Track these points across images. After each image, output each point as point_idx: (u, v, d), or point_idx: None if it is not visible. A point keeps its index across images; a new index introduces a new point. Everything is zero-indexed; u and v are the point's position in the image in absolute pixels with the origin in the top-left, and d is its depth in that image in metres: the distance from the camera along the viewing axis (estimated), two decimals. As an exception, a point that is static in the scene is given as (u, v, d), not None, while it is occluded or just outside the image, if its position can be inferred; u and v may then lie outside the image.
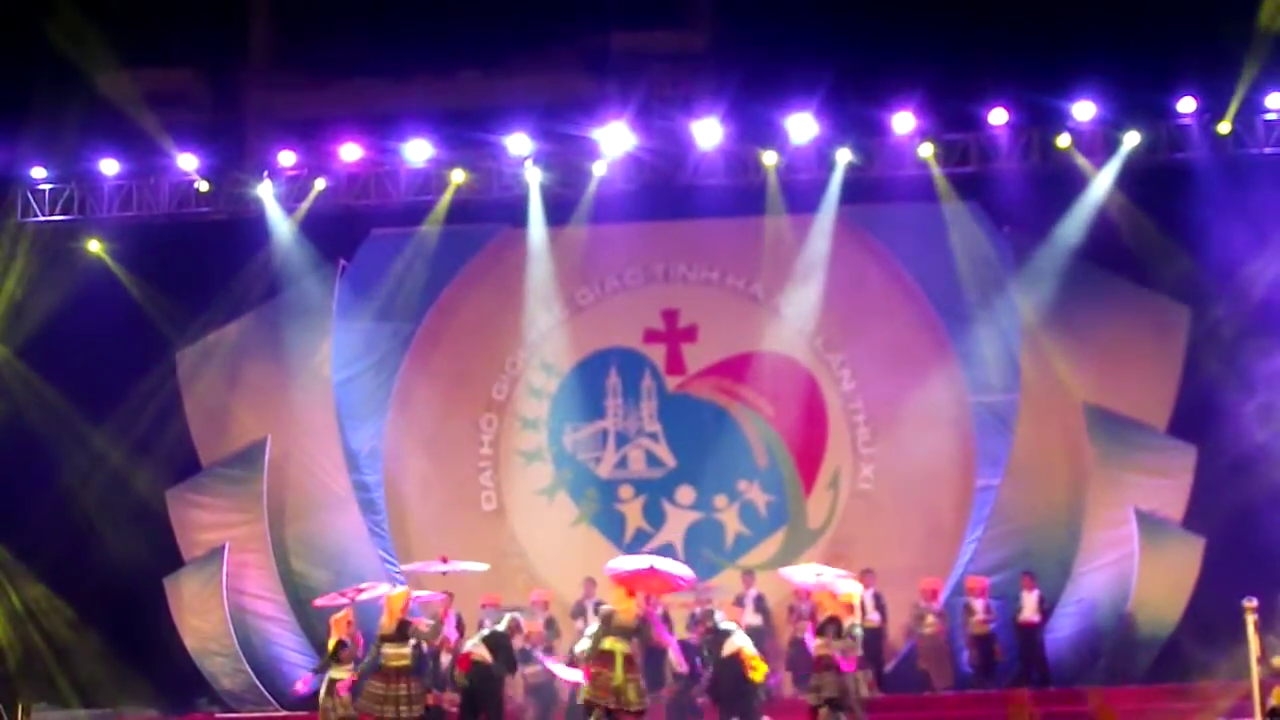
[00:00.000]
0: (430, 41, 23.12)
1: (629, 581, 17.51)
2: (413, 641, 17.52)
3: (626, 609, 17.35)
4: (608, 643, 17.07)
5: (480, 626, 21.60)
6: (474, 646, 18.04)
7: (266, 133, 24.22)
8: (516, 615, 18.85)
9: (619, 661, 16.83)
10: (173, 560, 23.55)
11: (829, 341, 23.97)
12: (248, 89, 24.65)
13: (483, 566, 19.93)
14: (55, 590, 23.69)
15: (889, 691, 21.34)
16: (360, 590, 18.67)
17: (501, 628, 18.27)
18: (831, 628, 18.18)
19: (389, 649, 17.29)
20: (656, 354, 24.38)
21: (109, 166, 23.79)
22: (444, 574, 18.97)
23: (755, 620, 21.53)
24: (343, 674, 17.72)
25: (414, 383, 24.47)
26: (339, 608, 18.32)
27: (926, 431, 23.38)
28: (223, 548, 23.26)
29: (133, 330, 23.99)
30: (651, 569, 17.74)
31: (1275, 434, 21.87)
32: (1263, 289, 22.29)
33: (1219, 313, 22.39)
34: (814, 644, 18.10)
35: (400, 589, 18.31)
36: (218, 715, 22.56)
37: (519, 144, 23.32)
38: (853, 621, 19.61)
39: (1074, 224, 22.89)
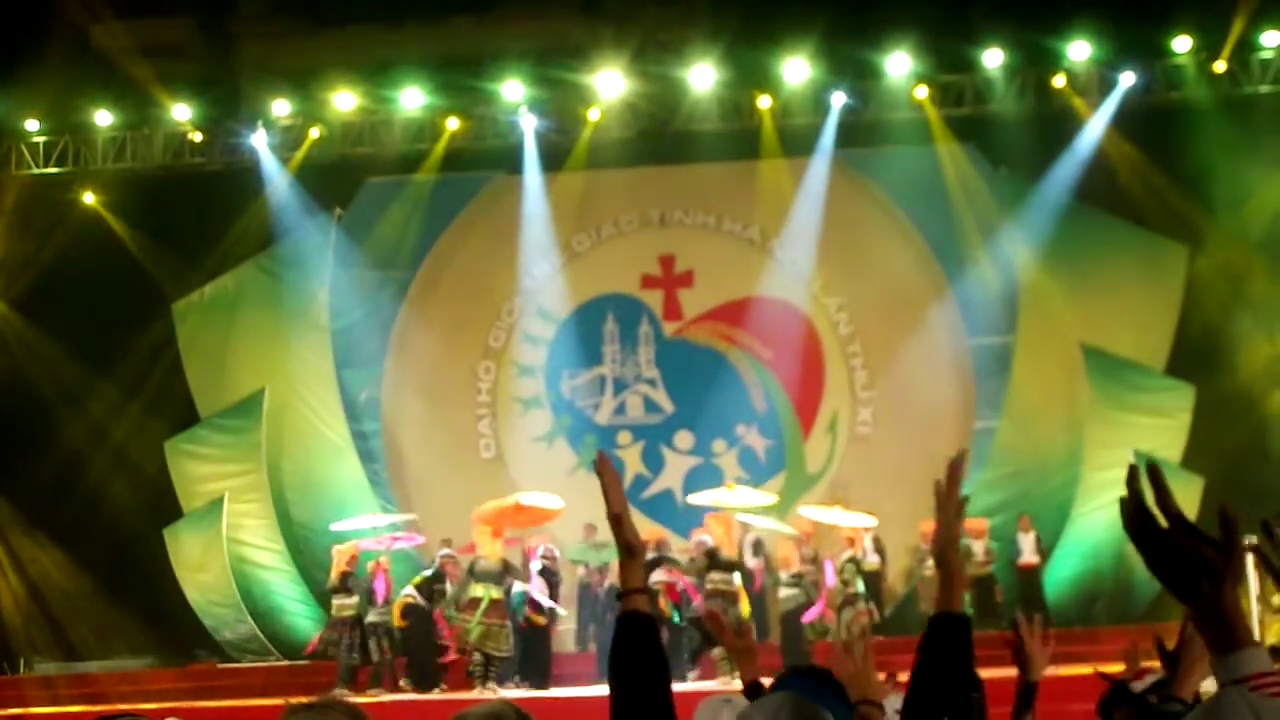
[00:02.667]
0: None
1: (494, 520, 18.34)
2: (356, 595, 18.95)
3: (490, 553, 18.10)
4: (476, 589, 17.79)
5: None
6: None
7: (261, 82, 24.20)
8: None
9: (482, 606, 17.64)
10: (172, 512, 23.60)
11: (826, 285, 23.96)
12: (241, 39, 24.61)
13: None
14: (54, 542, 23.74)
15: (889, 635, 21.40)
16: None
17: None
18: (706, 560, 18.43)
19: (336, 600, 18.67)
20: (654, 299, 24.37)
21: (103, 118, 23.76)
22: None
23: (754, 564, 21.58)
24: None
25: (411, 331, 24.47)
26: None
27: (924, 374, 23.41)
28: (222, 498, 23.30)
29: (129, 282, 23.97)
30: (517, 505, 18.42)
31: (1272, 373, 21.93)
32: (1260, 228, 22.29)
33: (1216, 252, 22.39)
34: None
35: (349, 544, 19.27)
36: (219, 665, 22.63)
37: (513, 90, 23.28)
38: (850, 555, 19.64)
39: (1070, 165, 22.84)
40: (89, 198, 24.42)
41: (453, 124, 23.68)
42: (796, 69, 22.78)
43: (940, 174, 23.34)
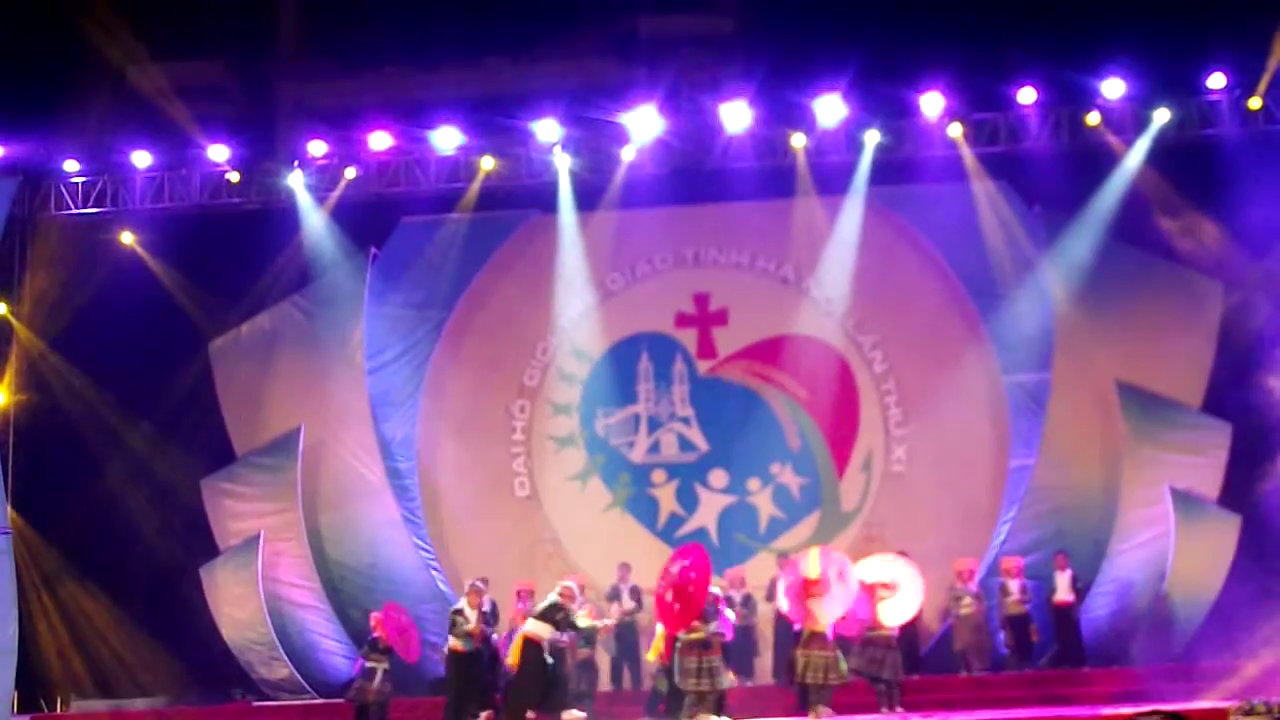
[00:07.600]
0: (459, 29, 23.11)
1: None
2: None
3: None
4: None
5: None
6: (529, 629, 18.21)
7: (296, 122, 24.29)
8: (568, 583, 18.98)
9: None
10: (208, 550, 23.66)
11: (860, 323, 23.94)
12: (277, 79, 24.71)
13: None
14: (91, 581, 23.80)
15: (925, 673, 21.34)
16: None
17: (553, 598, 18.33)
18: None
19: None
20: (688, 338, 24.37)
21: (141, 158, 23.92)
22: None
23: (786, 604, 21.51)
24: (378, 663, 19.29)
25: (446, 369, 24.51)
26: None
27: (959, 412, 23.36)
28: (258, 537, 23.34)
29: (166, 321, 24.09)
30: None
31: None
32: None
33: (1252, 288, 22.31)
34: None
35: None
36: (254, 704, 22.65)
37: (548, 130, 23.37)
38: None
39: (1105, 202, 22.82)
40: (127, 237, 24.56)
41: (488, 163, 23.78)
42: (830, 107, 22.82)
43: (974, 211, 23.32)
